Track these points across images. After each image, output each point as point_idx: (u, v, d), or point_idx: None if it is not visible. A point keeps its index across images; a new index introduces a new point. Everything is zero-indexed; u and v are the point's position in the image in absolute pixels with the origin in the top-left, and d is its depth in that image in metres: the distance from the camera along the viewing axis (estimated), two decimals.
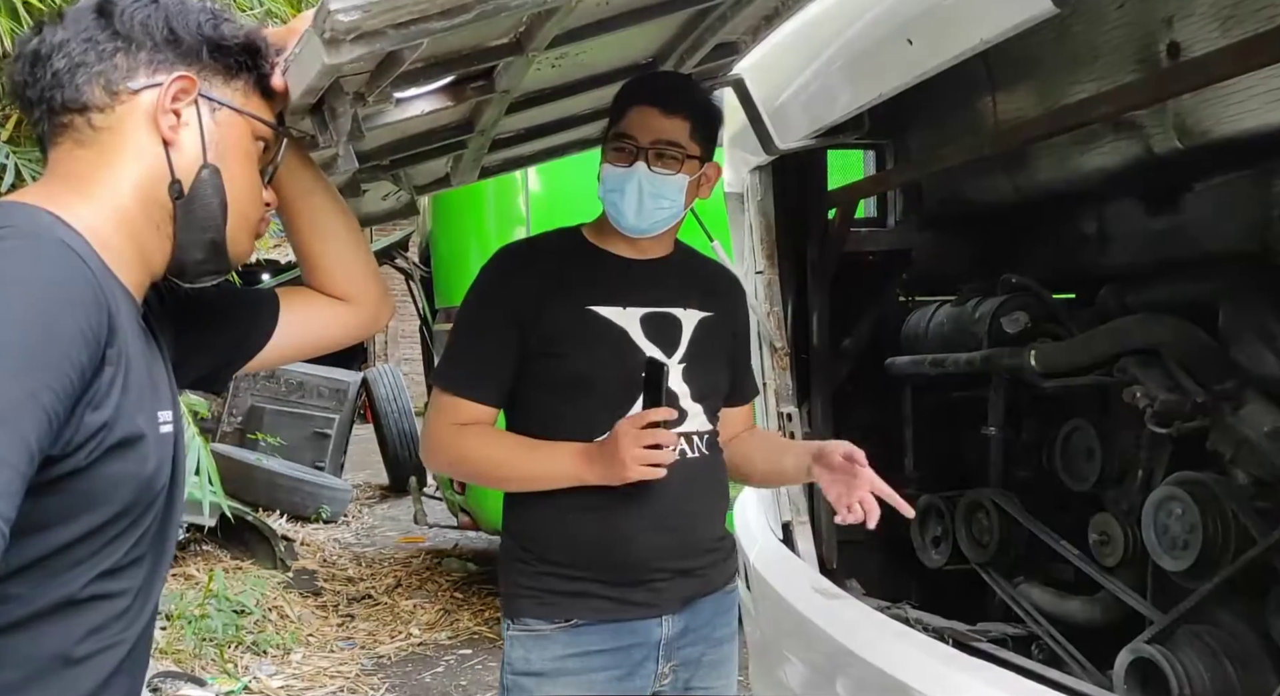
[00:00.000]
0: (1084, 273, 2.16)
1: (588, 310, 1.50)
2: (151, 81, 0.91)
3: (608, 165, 1.50)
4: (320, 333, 1.16)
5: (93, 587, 0.84)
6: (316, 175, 1.16)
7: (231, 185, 0.95)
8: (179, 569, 4.70)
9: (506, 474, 1.53)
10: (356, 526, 6.73)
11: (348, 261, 1.16)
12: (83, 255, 0.82)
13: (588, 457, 1.44)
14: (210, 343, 1.08)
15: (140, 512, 0.87)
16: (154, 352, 0.95)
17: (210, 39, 0.93)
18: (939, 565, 2.28)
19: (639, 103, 1.49)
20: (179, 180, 0.91)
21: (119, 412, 0.81)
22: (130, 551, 0.87)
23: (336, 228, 1.16)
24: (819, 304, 2.31)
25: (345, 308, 1.16)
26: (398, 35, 0.83)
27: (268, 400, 7.07)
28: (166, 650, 3.76)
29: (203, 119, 0.93)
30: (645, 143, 1.48)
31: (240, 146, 0.96)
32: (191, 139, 0.92)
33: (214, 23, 0.94)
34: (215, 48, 0.94)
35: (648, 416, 1.39)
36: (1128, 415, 1.85)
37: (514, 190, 4.23)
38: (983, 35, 1.39)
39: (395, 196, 2.02)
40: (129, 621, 0.88)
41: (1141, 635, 1.71)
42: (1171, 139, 1.71)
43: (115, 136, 0.90)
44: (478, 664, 4.06)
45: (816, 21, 1.77)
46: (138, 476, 0.85)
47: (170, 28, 0.92)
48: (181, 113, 0.92)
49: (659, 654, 1.52)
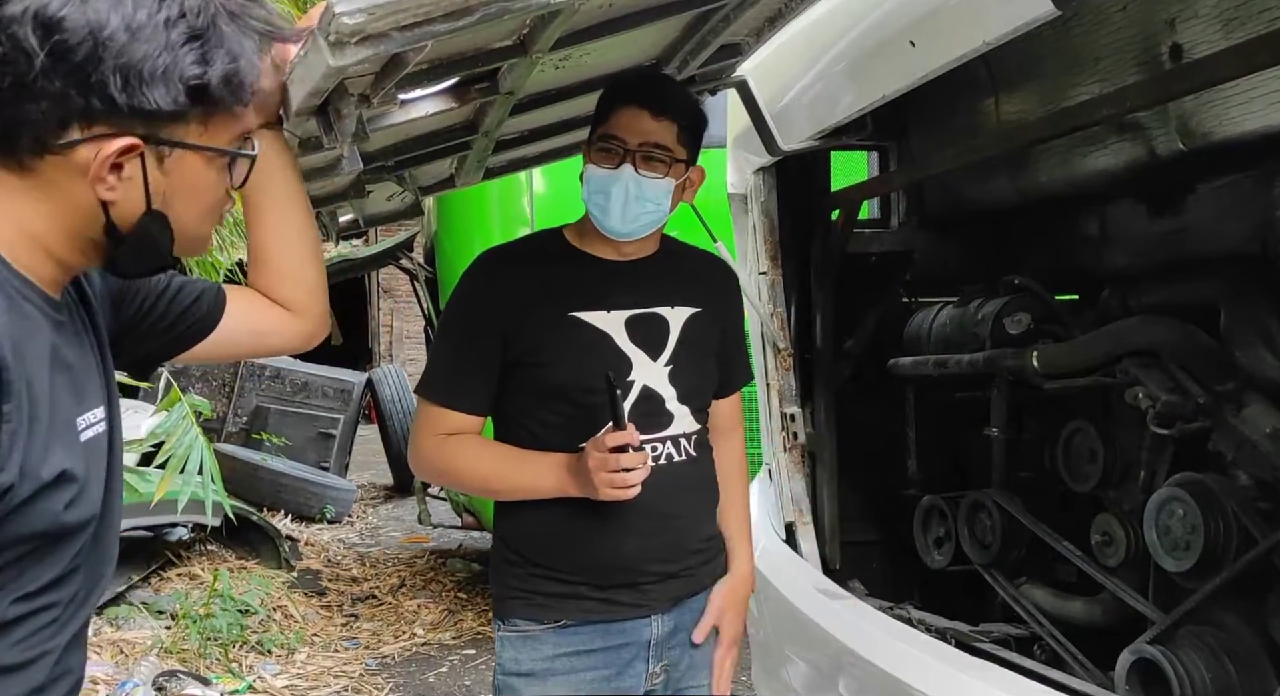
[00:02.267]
0: (1086, 274, 2.16)
1: (570, 317, 1.49)
2: (84, 137, 0.78)
3: (593, 166, 1.48)
4: (262, 337, 1.14)
5: (16, 608, 0.80)
6: (293, 175, 1.14)
7: (187, 214, 0.86)
8: (184, 568, 4.72)
9: (492, 486, 1.54)
10: (361, 526, 6.74)
11: (304, 268, 1.14)
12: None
13: (569, 470, 1.44)
14: (150, 328, 1.03)
15: (69, 536, 0.82)
16: (82, 345, 0.88)
17: (158, 100, 0.78)
18: (941, 566, 2.28)
19: (627, 104, 1.46)
20: (116, 223, 0.82)
21: (25, 469, 0.76)
22: (60, 569, 0.83)
23: (302, 231, 1.14)
24: (822, 305, 2.31)
25: (290, 317, 1.14)
26: (402, 38, 0.84)
27: (273, 400, 7.10)
28: (172, 649, 3.77)
29: (148, 172, 0.81)
30: (633, 144, 1.45)
31: (194, 181, 0.85)
32: (134, 192, 0.82)
33: (180, 64, 0.78)
34: (184, 100, 0.79)
35: (609, 440, 1.38)
36: (1130, 416, 1.85)
37: (518, 191, 4.24)
38: (984, 37, 1.39)
39: (400, 197, 2.03)
40: (58, 628, 0.85)
41: (1143, 636, 1.71)
42: (1174, 140, 1.72)
43: (44, 180, 0.80)
44: (481, 664, 4.06)
45: (820, 23, 1.78)
46: (57, 514, 0.80)
47: (104, 83, 0.76)
48: (124, 167, 0.80)
49: (649, 654, 1.52)
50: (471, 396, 1.51)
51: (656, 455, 1.49)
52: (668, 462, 1.51)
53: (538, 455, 1.48)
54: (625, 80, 1.54)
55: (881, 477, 2.46)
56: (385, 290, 13.14)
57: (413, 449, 1.56)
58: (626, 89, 1.49)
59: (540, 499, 1.49)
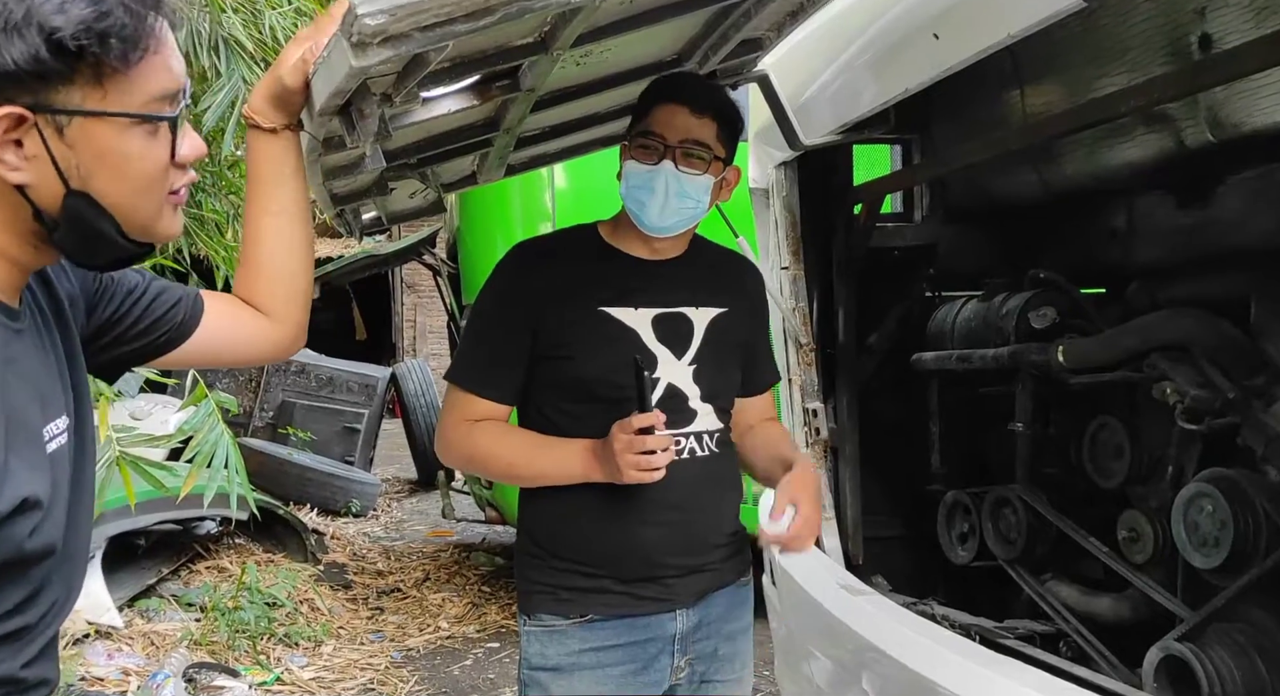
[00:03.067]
0: (1113, 267, 2.13)
1: (599, 311, 1.51)
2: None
3: (633, 162, 1.50)
4: (238, 345, 1.12)
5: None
6: (302, 181, 1.13)
7: (116, 190, 0.80)
8: (213, 561, 4.78)
9: (518, 471, 1.54)
10: (385, 520, 6.80)
11: (294, 276, 1.13)
12: None
13: (594, 455, 1.45)
14: (124, 332, 1.01)
15: (34, 561, 0.80)
16: (44, 352, 0.85)
17: (19, 59, 0.73)
18: (965, 561, 2.27)
19: (668, 101, 1.48)
20: (41, 209, 0.78)
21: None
22: (28, 589, 0.81)
23: (298, 239, 1.13)
24: (844, 299, 2.30)
25: (268, 324, 1.12)
26: (423, 38, 0.84)
27: (298, 395, 7.16)
28: (201, 641, 3.82)
29: (49, 145, 0.76)
30: (673, 141, 1.47)
31: (108, 153, 0.79)
32: (45, 170, 0.77)
33: (36, 15, 0.73)
34: (33, 62, 0.74)
35: (635, 422, 1.39)
36: (1157, 411, 1.83)
37: (540, 187, 4.25)
38: (1009, 30, 1.38)
39: (423, 194, 2.04)
40: (28, 642, 0.83)
41: (1171, 633, 1.69)
42: (1203, 132, 1.69)
43: None
44: (505, 657, 4.09)
45: (841, 17, 1.77)
46: (19, 542, 0.77)
47: None
48: (24, 143, 0.76)
49: (674, 648, 1.53)
50: (500, 385, 1.53)
51: (679, 449, 1.49)
52: (690, 456, 1.52)
53: (563, 441, 1.50)
54: (665, 78, 1.56)
55: (904, 473, 2.44)
56: (409, 286, 13.21)
57: (440, 435, 1.58)
58: (667, 86, 1.51)
59: (564, 490, 1.50)
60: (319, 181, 1.56)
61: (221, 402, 2.60)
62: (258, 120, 1.09)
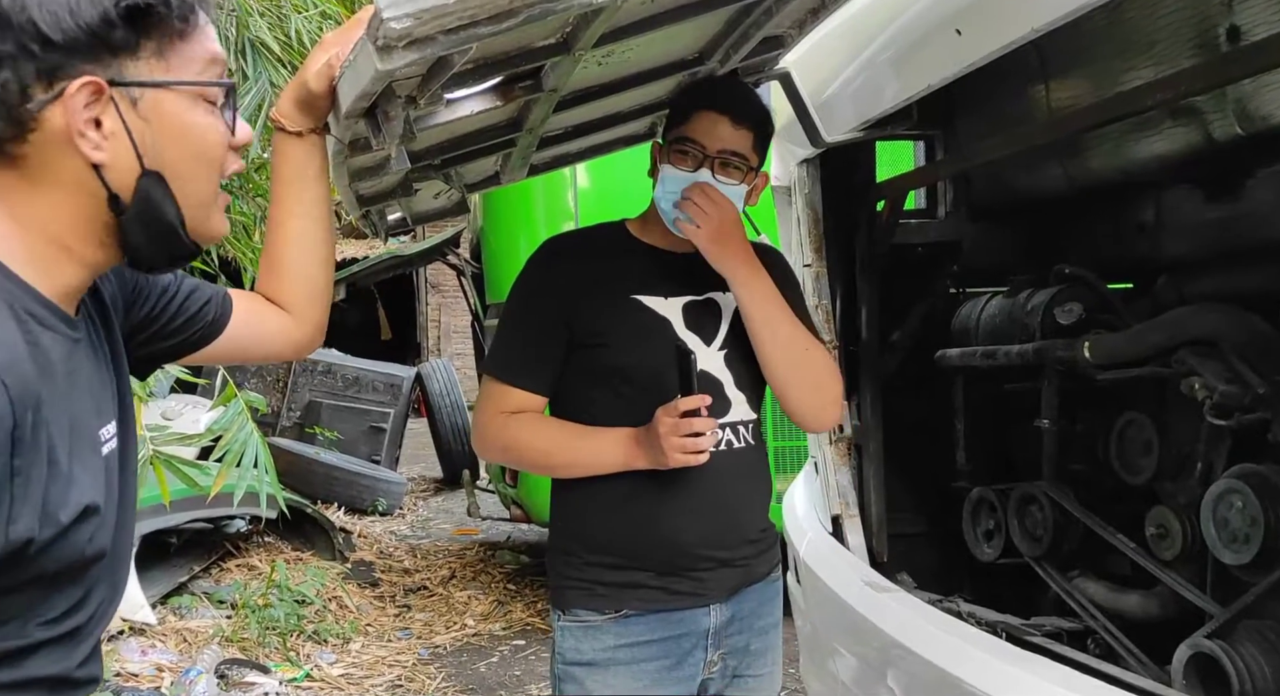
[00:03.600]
0: (1140, 262, 2.11)
1: (631, 300, 1.53)
2: (51, 95, 0.76)
3: (670, 168, 1.51)
4: (262, 342, 1.14)
5: (41, 632, 0.80)
6: (326, 183, 1.15)
7: (178, 166, 0.82)
8: (243, 559, 4.84)
9: (556, 460, 1.55)
10: (412, 519, 6.85)
11: (316, 276, 1.15)
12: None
13: (635, 442, 1.46)
14: (159, 331, 1.03)
15: (89, 564, 0.82)
16: (97, 359, 0.87)
17: (91, 22, 0.75)
18: (991, 559, 2.25)
19: (708, 108, 1.49)
20: (117, 195, 0.80)
21: (46, 514, 0.75)
22: (81, 592, 0.83)
23: (322, 239, 1.15)
24: (868, 296, 2.30)
25: (290, 322, 1.15)
26: (448, 41, 0.85)
27: (325, 395, 7.23)
28: (233, 638, 3.88)
29: (126, 120, 0.78)
30: (712, 150, 1.49)
31: (179, 124, 0.81)
32: (122, 149, 0.79)
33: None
34: (105, 25, 0.76)
35: (681, 405, 1.40)
36: (1186, 407, 1.81)
37: (562, 186, 4.27)
38: (1033, 24, 1.37)
39: (446, 195, 2.05)
40: (81, 640, 0.85)
41: (1201, 630, 1.68)
42: (1232, 125, 1.67)
43: (37, 164, 0.78)
44: (531, 654, 4.11)
45: (863, 13, 1.76)
46: (80, 548, 0.80)
47: (35, 24, 0.74)
48: (103, 121, 0.78)
49: (707, 643, 1.54)
50: (535, 375, 1.54)
51: (717, 440, 1.50)
52: (727, 448, 1.53)
53: (602, 430, 1.51)
54: (706, 84, 1.57)
55: (929, 470, 2.43)
56: (433, 286, 13.30)
57: (476, 427, 1.59)
58: (708, 93, 1.53)
59: (598, 484, 1.51)
60: (345, 183, 1.58)
61: (251, 402, 2.64)
62: (284, 124, 1.11)
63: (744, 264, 1.51)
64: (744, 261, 1.51)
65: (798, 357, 1.55)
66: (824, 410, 1.61)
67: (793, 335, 1.54)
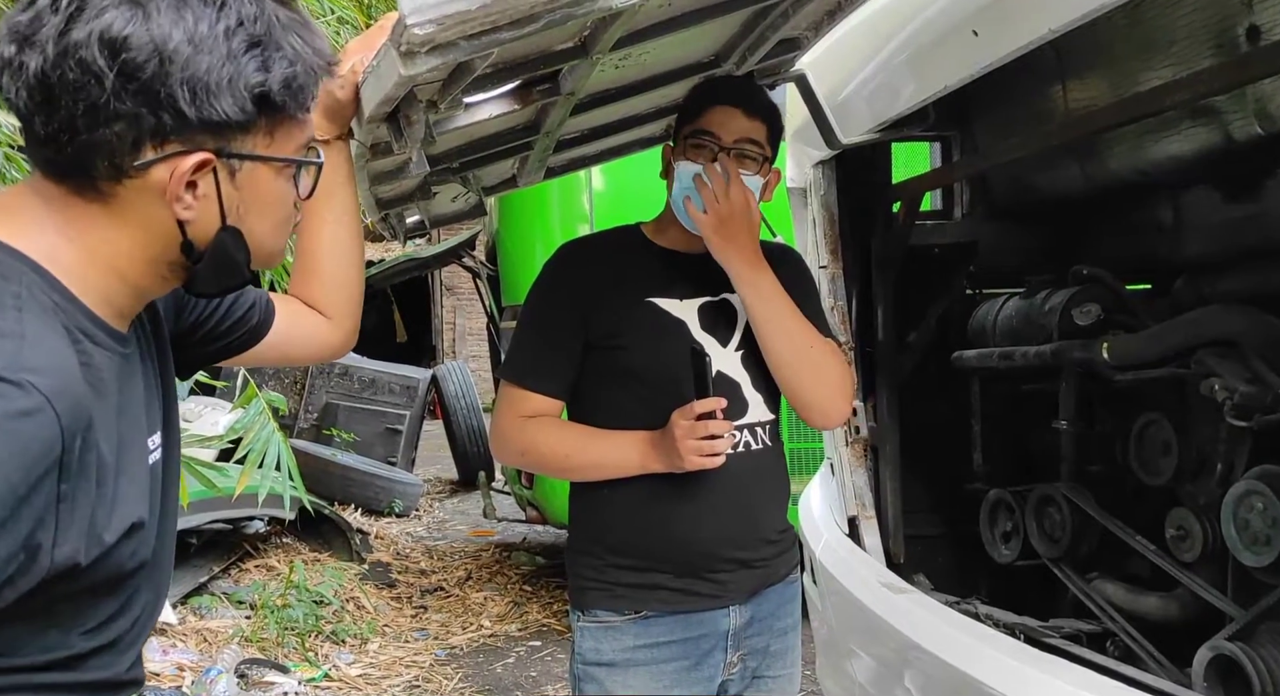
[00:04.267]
0: (1159, 263, 2.10)
1: (647, 302, 1.53)
2: (160, 155, 0.78)
3: (686, 162, 1.51)
4: (301, 344, 1.17)
5: (85, 641, 0.81)
6: (354, 187, 1.18)
7: (260, 227, 0.86)
8: (261, 560, 4.88)
9: (574, 463, 1.55)
10: (428, 520, 6.87)
11: (351, 280, 1.18)
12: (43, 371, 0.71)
13: (652, 445, 1.47)
14: (206, 334, 1.05)
15: (130, 575, 0.83)
16: (146, 373, 0.89)
17: (227, 110, 0.78)
18: (1009, 560, 2.25)
19: (721, 102, 1.50)
20: (193, 242, 0.83)
21: (92, 535, 0.76)
22: (122, 600, 0.84)
23: (353, 243, 1.18)
24: (884, 298, 2.29)
25: (326, 325, 1.18)
26: (469, 46, 0.87)
27: (341, 397, 7.27)
28: (252, 638, 3.91)
29: (221, 187, 0.82)
30: (728, 141, 1.49)
31: (265, 194, 0.85)
32: (209, 209, 0.82)
33: (244, 72, 0.78)
34: (251, 107, 0.80)
35: (697, 407, 1.41)
36: (1205, 408, 1.80)
37: (578, 189, 4.28)
38: (1051, 25, 1.37)
39: (464, 198, 2.07)
40: (127, 646, 0.86)
41: (1222, 632, 1.67)
42: (1252, 125, 1.66)
43: (124, 206, 0.80)
44: (547, 655, 4.13)
45: (879, 15, 1.76)
46: (122, 563, 0.81)
47: (174, 98, 0.76)
48: (198, 184, 0.81)
49: (727, 644, 1.54)
50: (552, 379, 1.55)
51: (735, 442, 1.51)
52: (745, 449, 1.53)
53: (619, 432, 1.51)
54: (715, 80, 1.58)
55: (946, 471, 2.43)
56: (448, 288, 13.35)
57: (494, 431, 1.60)
58: (719, 88, 1.54)
59: (617, 486, 1.51)
60: (366, 186, 1.60)
61: (272, 402, 2.66)
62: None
63: (747, 260, 1.50)
64: (748, 258, 1.50)
65: (802, 353, 1.53)
66: (830, 405, 1.58)
67: (796, 331, 1.53)
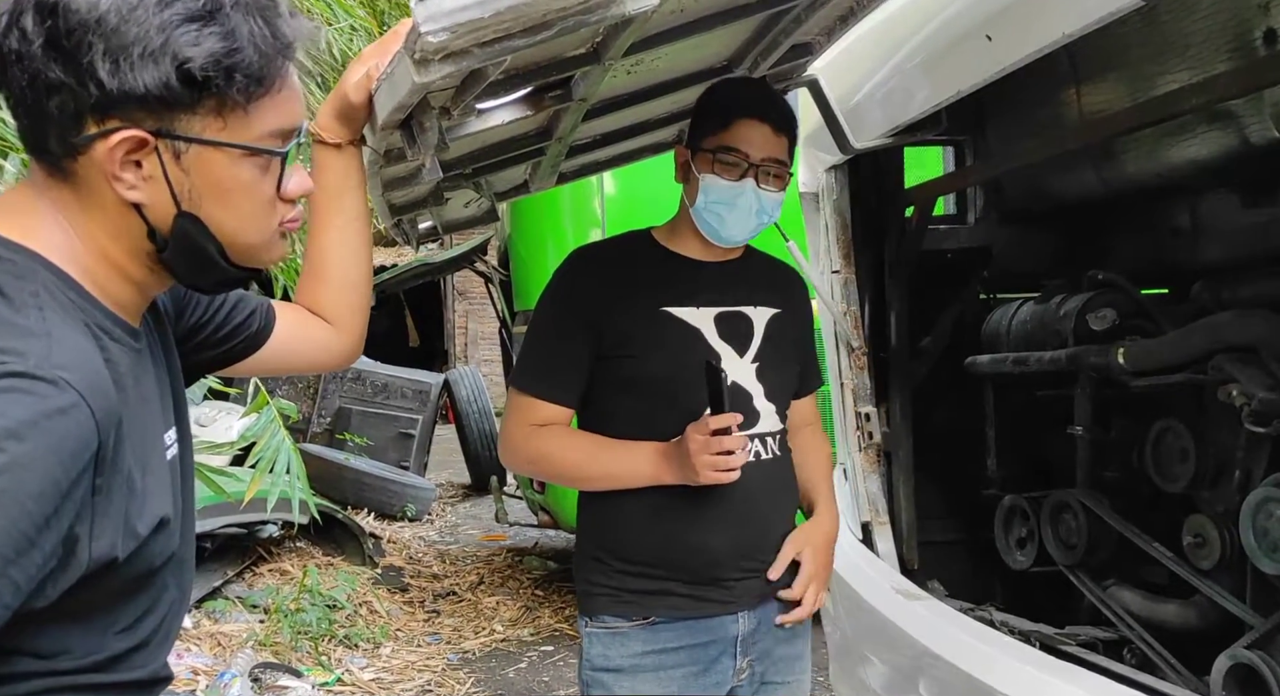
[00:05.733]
0: (1175, 267, 2.09)
1: (661, 311, 1.52)
2: (98, 132, 0.77)
3: (714, 177, 1.49)
4: (305, 353, 1.16)
5: (120, 641, 0.82)
6: (364, 194, 1.17)
7: (224, 217, 0.83)
8: (275, 564, 4.89)
9: (584, 473, 1.55)
10: (440, 524, 6.88)
11: (358, 286, 1.17)
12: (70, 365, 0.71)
13: (665, 457, 1.46)
14: (205, 340, 1.05)
15: (158, 571, 0.84)
16: (158, 367, 0.89)
17: (149, 81, 0.75)
18: (1024, 567, 2.23)
19: (749, 116, 1.48)
20: (156, 229, 0.81)
21: (127, 529, 0.77)
22: (152, 597, 0.85)
23: (362, 250, 1.17)
24: (897, 303, 2.29)
25: (333, 333, 1.16)
26: (482, 53, 0.87)
27: (354, 401, 7.29)
28: (265, 642, 3.92)
29: (166, 169, 0.79)
30: (757, 159, 1.48)
31: (221, 181, 0.82)
32: (159, 191, 0.80)
33: (172, 45, 0.75)
34: (162, 85, 0.76)
35: (712, 423, 1.40)
36: (1223, 414, 1.79)
37: (590, 193, 4.28)
38: (1065, 29, 1.37)
39: (477, 203, 2.07)
40: (161, 640, 0.87)
41: (1240, 640, 1.65)
42: (1269, 129, 1.65)
43: (84, 184, 0.80)
44: (559, 660, 4.12)
45: (891, 20, 1.76)
46: (152, 559, 0.82)
47: (94, 68, 0.75)
48: (143, 164, 0.79)
49: (735, 649, 1.54)
50: (563, 388, 1.54)
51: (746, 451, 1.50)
52: (755, 459, 1.52)
53: (631, 443, 1.50)
54: (744, 91, 1.56)
55: (960, 477, 2.42)
56: (460, 293, 13.38)
57: (503, 439, 1.59)
58: (746, 100, 1.51)
59: (626, 493, 1.50)
60: (379, 192, 1.60)
61: (282, 409, 2.67)
62: (324, 136, 1.13)
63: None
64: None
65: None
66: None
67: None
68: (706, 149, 1.50)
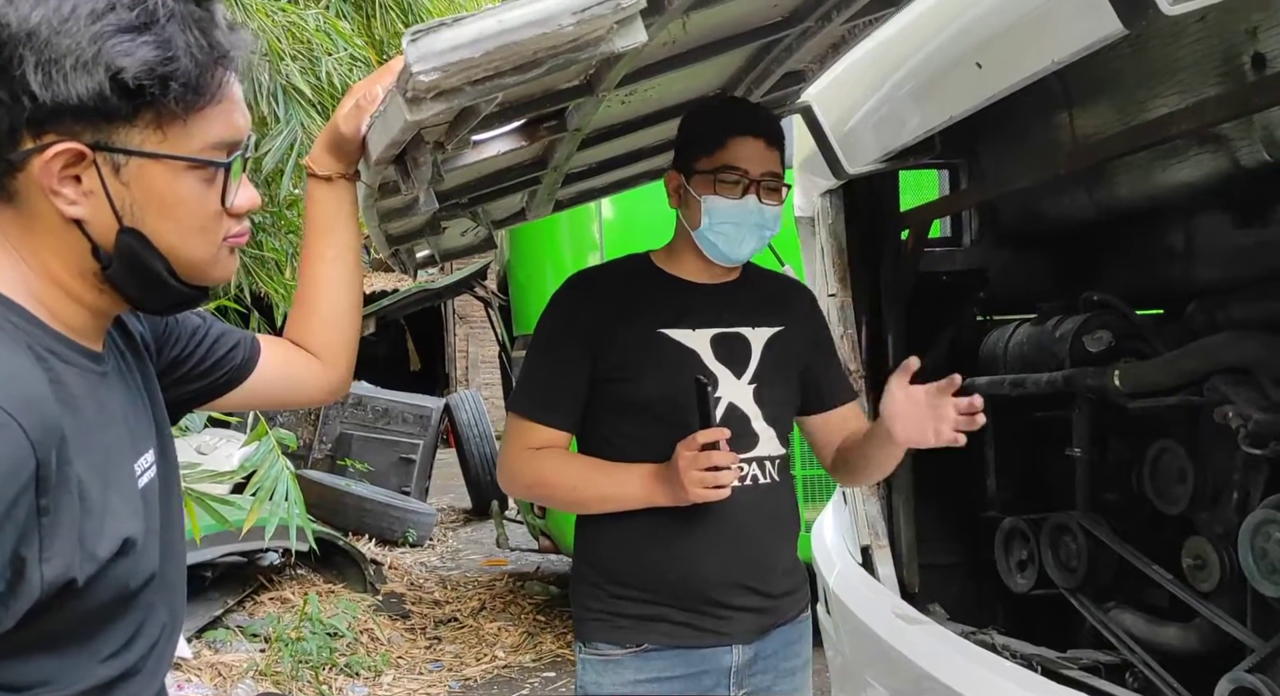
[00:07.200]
0: (1170, 289, 2.10)
1: (657, 333, 1.52)
2: (35, 147, 0.76)
3: (717, 198, 1.49)
4: (291, 388, 1.15)
5: (107, 668, 0.81)
6: (356, 227, 1.17)
7: (167, 232, 0.81)
8: (276, 592, 4.87)
9: (580, 496, 1.55)
10: (441, 550, 6.85)
11: (347, 320, 1.17)
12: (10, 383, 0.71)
13: (656, 478, 1.46)
14: (187, 373, 1.04)
15: (136, 595, 0.83)
16: (129, 390, 0.88)
17: (82, 93, 0.74)
18: (1025, 590, 2.22)
19: (743, 133, 1.48)
20: (100, 246, 0.80)
21: (85, 550, 0.76)
22: (137, 621, 0.84)
23: (352, 283, 1.17)
24: (894, 325, 2.29)
25: (319, 367, 1.16)
26: (474, 91, 0.88)
27: (355, 427, 7.28)
28: (266, 672, 3.89)
29: (106, 183, 0.78)
30: (756, 175, 1.48)
31: (162, 194, 0.80)
32: (100, 207, 0.79)
33: (105, 55, 0.74)
34: (96, 97, 0.75)
35: (700, 438, 1.39)
36: (1220, 435, 1.79)
37: (588, 218, 4.30)
38: (1053, 57, 1.38)
39: (474, 232, 2.08)
40: (156, 665, 0.86)
41: (1242, 663, 1.64)
42: (1259, 151, 1.67)
43: (25, 203, 0.78)
44: (562, 686, 4.09)
45: (883, 48, 1.78)
46: (123, 581, 0.80)
47: (26, 81, 0.74)
48: (82, 178, 0.78)
49: (729, 681, 1.52)
50: (561, 412, 1.54)
51: (742, 475, 1.49)
52: (753, 483, 1.52)
53: (625, 465, 1.50)
54: (733, 109, 1.57)
55: (959, 499, 2.41)
56: (461, 317, 13.40)
57: (502, 463, 1.59)
58: (737, 117, 1.52)
59: (622, 517, 1.50)
60: (375, 224, 1.61)
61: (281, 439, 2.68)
62: (315, 169, 1.14)
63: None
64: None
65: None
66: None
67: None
68: (704, 170, 1.50)
